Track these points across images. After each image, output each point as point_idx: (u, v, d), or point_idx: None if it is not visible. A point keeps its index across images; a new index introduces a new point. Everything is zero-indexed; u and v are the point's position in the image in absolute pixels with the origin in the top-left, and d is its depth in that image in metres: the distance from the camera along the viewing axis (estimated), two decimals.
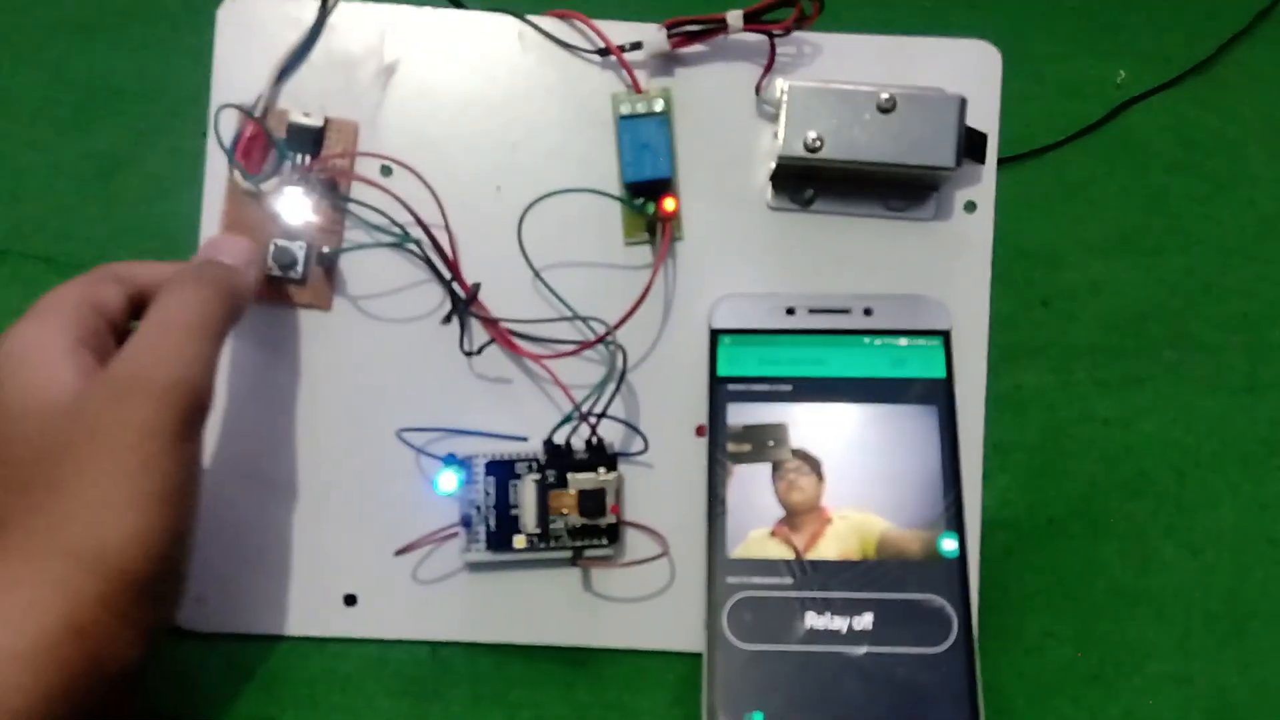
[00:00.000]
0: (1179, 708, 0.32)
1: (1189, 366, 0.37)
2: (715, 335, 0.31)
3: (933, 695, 0.28)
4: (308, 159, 0.31)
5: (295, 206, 0.30)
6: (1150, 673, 0.32)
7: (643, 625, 0.31)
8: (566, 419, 0.30)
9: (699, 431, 0.31)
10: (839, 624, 0.29)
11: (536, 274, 0.31)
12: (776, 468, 0.30)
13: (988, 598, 0.32)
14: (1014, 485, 0.35)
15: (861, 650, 0.29)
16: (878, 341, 0.31)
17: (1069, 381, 0.37)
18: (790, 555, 0.30)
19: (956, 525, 0.30)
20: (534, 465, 0.30)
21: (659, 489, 0.31)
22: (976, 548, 0.31)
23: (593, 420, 0.30)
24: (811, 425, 0.31)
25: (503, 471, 0.30)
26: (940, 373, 0.31)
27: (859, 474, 0.30)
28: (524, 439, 0.31)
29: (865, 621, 0.29)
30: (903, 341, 0.31)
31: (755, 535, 0.30)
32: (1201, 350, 0.37)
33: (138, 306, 0.30)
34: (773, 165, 0.31)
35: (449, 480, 0.30)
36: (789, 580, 0.29)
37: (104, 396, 0.25)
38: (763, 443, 0.31)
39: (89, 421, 0.25)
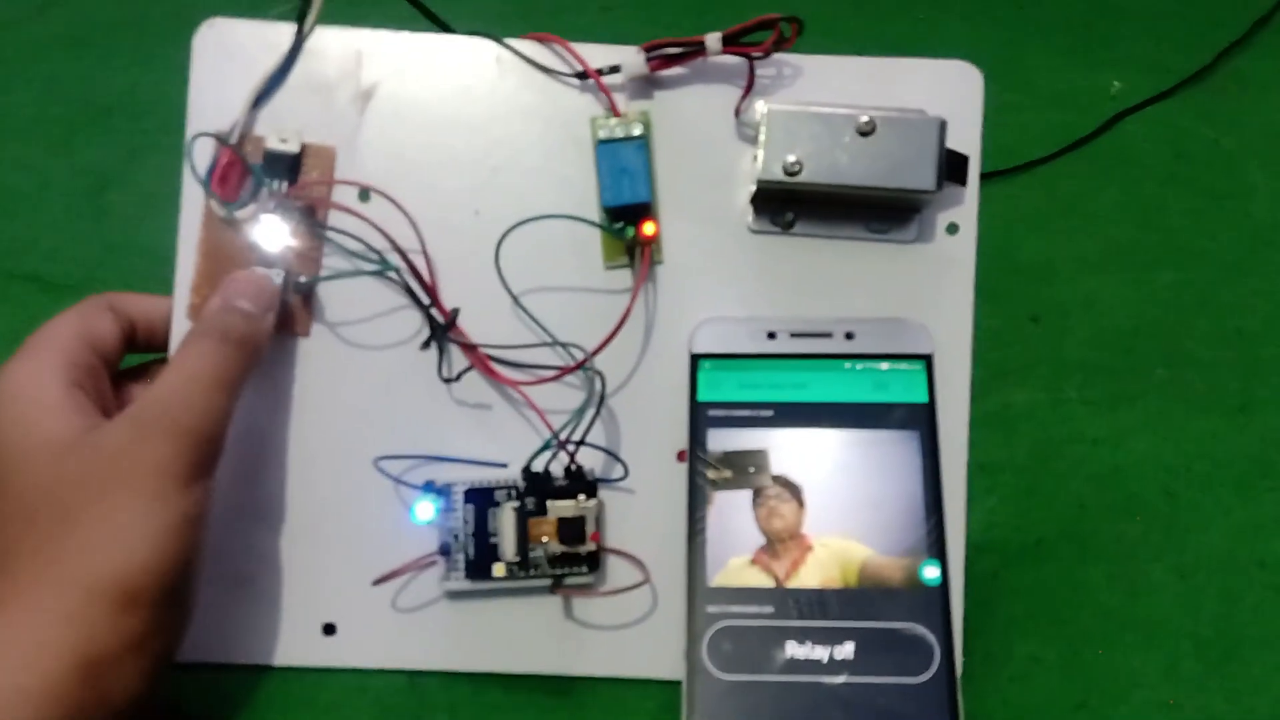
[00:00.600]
0: None
1: (1181, 384, 0.37)
2: (695, 360, 0.31)
3: None
4: (285, 185, 0.31)
5: (273, 234, 0.30)
6: (1138, 701, 0.32)
7: (624, 654, 0.31)
8: (545, 446, 0.30)
9: (680, 457, 0.31)
10: (820, 653, 0.29)
11: (515, 299, 0.31)
12: (757, 494, 0.30)
13: (973, 622, 0.32)
14: (1001, 507, 0.34)
15: (842, 680, 0.28)
16: (859, 366, 0.31)
17: (1058, 400, 0.36)
18: (771, 584, 0.29)
19: (939, 552, 0.30)
20: (513, 493, 0.30)
21: (640, 516, 0.31)
22: (960, 574, 0.31)
23: (571, 447, 0.30)
24: (792, 451, 0.30)
25: (481, 499, 0.30)
26: (922, 397, 0.31)
27: (840, 501, 0.30)
28: (503, 466, 0.31)
29: (846, 651, 0.29)
30: (884, 366, 0.31)
31: (735, 563, 0.30)
32: (1194, 368, 0.37)
33: (130, 340, 0.30)
34: (753, 188, 0.31)
35: (426, 509, 0.30)
36: (769, 609, 0.29)
37: (126, 436, 0.26)
38: (743, 469, 0.30)
39: (107, 458, 0.25)
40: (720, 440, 0.30)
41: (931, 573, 0.29)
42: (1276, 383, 0.37)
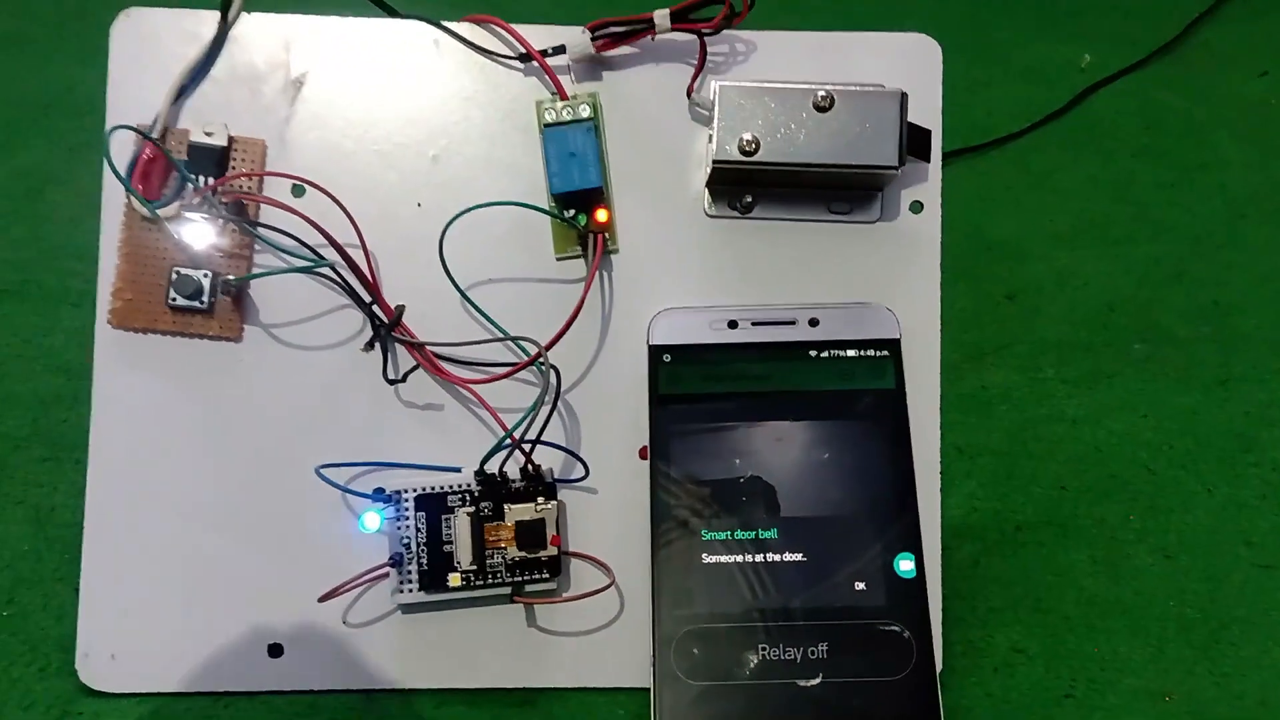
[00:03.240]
0: None
1: (1159, 360, 0.36)
2: (655, 352, 0.30)
3: None
4: (211, 181, 0.29)
5: (199, 232, 0.28)
6: (1125, 689, 0.31)
7: (590, 662, 0.29)
8: (499, 446, 0.28)
9: (642, 454, 0.30)
10: (792, 654, 0.27)
11: (463, 294, 0.29)
12: (723, 490, 0.29)
13: (953, 613, 0.30)
14: (980, 491, 0.33)
15: (816, 681, 0.27)
16: (824, 354, 0.30)
17: (1036, 380, 0.35)
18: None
19: (913, 544, 0.28)
20: (467, 497, 0.29)
21: (602, 517, 0.30)
22: (937, 565, 0.30)
23: (527, 446, 0.28)
24: (758, 444, 0.29)
25: (434, 505, 0.29)
26: (890, 384, 0.30)
27: (809, 493, 0.29)
28: (456, 469, 0.29)
29: (819, 651, 0.27)
30: (850, 353, 0.30)
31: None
32: (1172, 343, 0.36)
33: None
34: (709, 170, 0.30)
35: (374, 518, 0.28)
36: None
37: None
38: (708, 464, 0.29)
39: None
40: (683, 435, 0.29)
41: (906, 565, 0.28)
42: (1255, 356, 0.36)
